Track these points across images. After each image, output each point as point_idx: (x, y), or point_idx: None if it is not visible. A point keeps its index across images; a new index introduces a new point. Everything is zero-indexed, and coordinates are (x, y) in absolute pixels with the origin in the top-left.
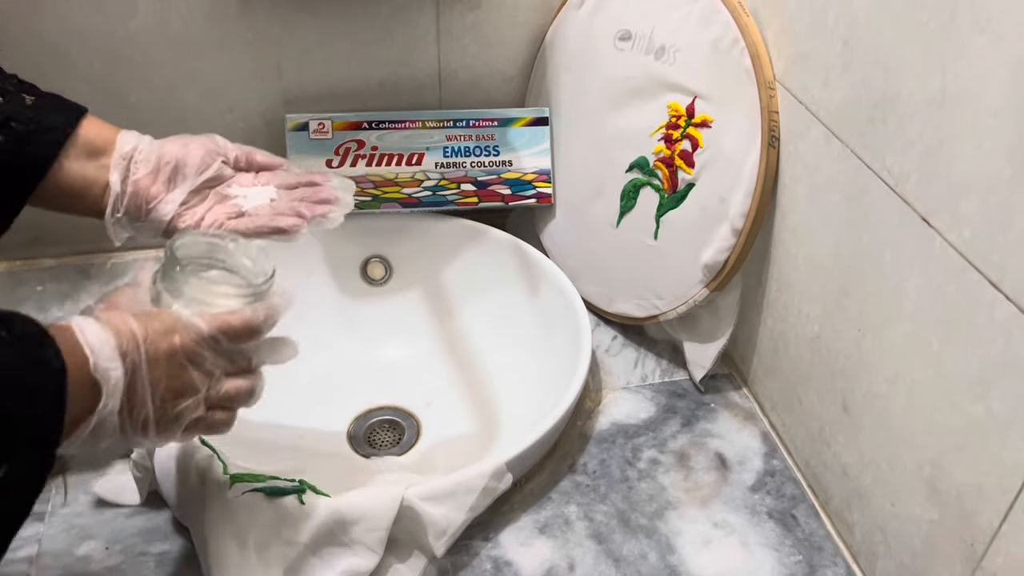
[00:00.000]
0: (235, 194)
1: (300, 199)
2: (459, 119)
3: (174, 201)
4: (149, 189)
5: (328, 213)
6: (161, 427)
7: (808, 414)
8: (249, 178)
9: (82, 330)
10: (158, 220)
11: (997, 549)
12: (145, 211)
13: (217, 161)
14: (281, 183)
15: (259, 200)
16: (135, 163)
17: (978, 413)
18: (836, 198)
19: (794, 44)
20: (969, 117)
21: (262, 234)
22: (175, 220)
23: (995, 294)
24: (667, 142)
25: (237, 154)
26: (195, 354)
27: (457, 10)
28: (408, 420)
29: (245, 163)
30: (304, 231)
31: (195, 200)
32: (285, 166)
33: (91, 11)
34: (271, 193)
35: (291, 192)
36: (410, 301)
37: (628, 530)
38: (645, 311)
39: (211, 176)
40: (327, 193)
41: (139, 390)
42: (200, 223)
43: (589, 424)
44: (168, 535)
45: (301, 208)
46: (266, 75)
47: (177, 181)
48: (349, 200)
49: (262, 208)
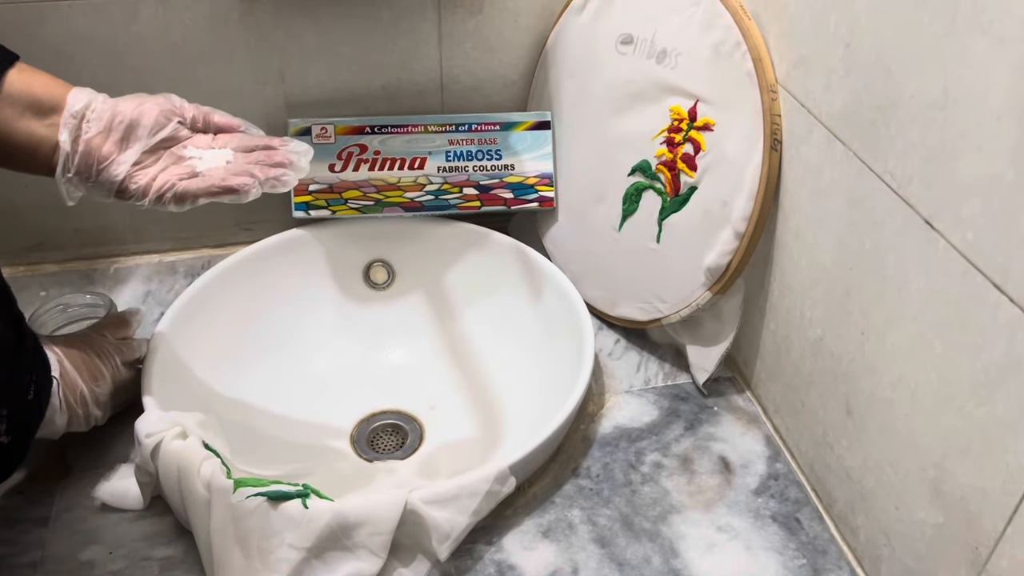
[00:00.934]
0: (190, 155)
1: (255, 162)
2: (461, 123)
3: (126, 162)
4: (101, 148)
5: (281, 176)
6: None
7: (811, 417)
8: (207, 139)
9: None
10: (109, 180)
11: (1002, 553)
12: (96, 171)
13: (173, 121)
14: (239, 146)
15: (215, 162)
16: (87, 122)
17: (982, 416)
18: (839, 201)
19: (796, 47)
20: (971, 119)
21: (213, 193)
22: (127, 180)
23: (999, 296)
24: (669, 146)
25: (194, 114)
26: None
27: (459, 15)
28: (411, 424)
29: (203, 123)
30: (255, 192)
31: (149, 160)
32: (243, 127)
33: (94, 16)
34: (227, 156)
35: (247, 155)
36: (413, 305)
37: (632, 534)
38: (648, 315)
39: (166, 136)
40: (281, 157)
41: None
42: (152, 183)
43: (592, 428)
44: (172, 540)
45: (255, 170)
46: (269, 80)
47: (130, 141)
48: (304, 165)
49: (216, 170)
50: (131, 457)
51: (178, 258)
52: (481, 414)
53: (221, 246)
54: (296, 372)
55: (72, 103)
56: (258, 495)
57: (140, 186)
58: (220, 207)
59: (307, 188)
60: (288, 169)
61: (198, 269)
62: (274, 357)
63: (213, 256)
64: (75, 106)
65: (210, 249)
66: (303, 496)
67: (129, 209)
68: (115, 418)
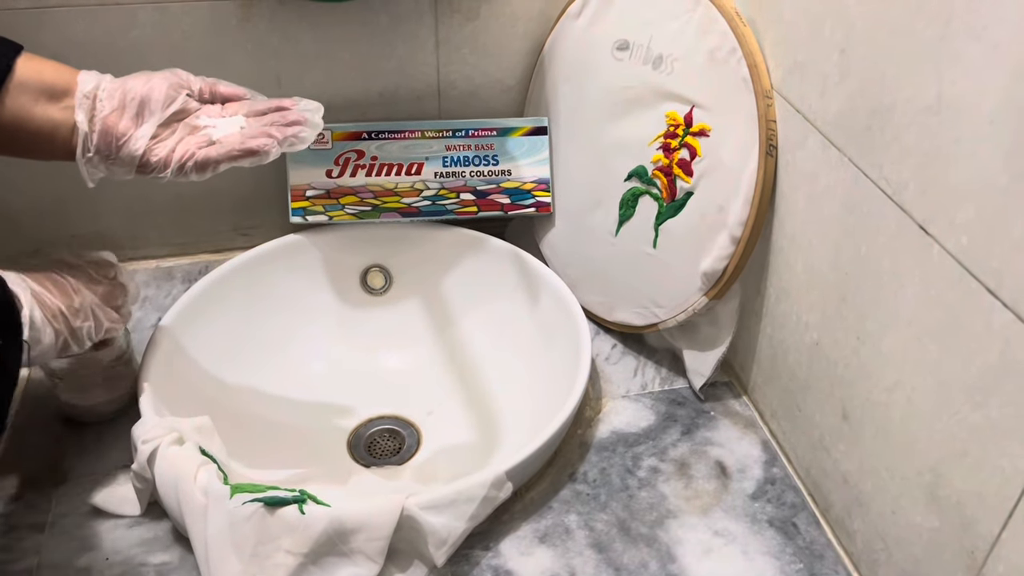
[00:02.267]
0: (205, 124)
1: (270, 123)
2: (458, 129)
3: (144, 136)
4: (117, 125)
5: (300, 133)
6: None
7: (808, 422)
8: (216, 109)
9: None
10: (129, 156)
11: (998, 557)
12: (116, 147)
13: (182, 94)
14: (250, 111)
15: (229, 129)
16: (100, 101)
17: (977, 420)
18: (834, 206)
19: (791, 53)
20: (965, 125)
21: (234, 157)
22: (147, 154)
23: (992, 301)
24: (665, 151)
25: (201, 86)
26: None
27: (456, 20)
28: (408, 429)
29: (209, 95)
30: (275, 151)
31: (165, 133)
32: (249, 95)
33: (91, 22)
34: (240, 122)
35: (261, 118)
36: (410, 310)
37: (629, 539)
38: (645, 319)
39: (178, 109)
40: (295, 116)
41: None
42: (172, 154)
43: (589, 433)
44: (168, 546)
45: (271, 130)
46: (266, 86)
47: (144, 116)
48: (318, 120)
49: (232, 136)
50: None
51: (175, 263)
52: (478, 419)
53: (218, 251)
54: (293, 377)
55: (83, 84)
56: (255, 500)
57: (161, 158)
58: (217, 210)
59: (304, 193)
60: (304, 126)
61: (195, 275)
62: (271, 362)
63: (210, 261)
64: (86, 87)
65: (207, 255)
66: (300, 502)
67: (126, 214)
68: (111, 423)
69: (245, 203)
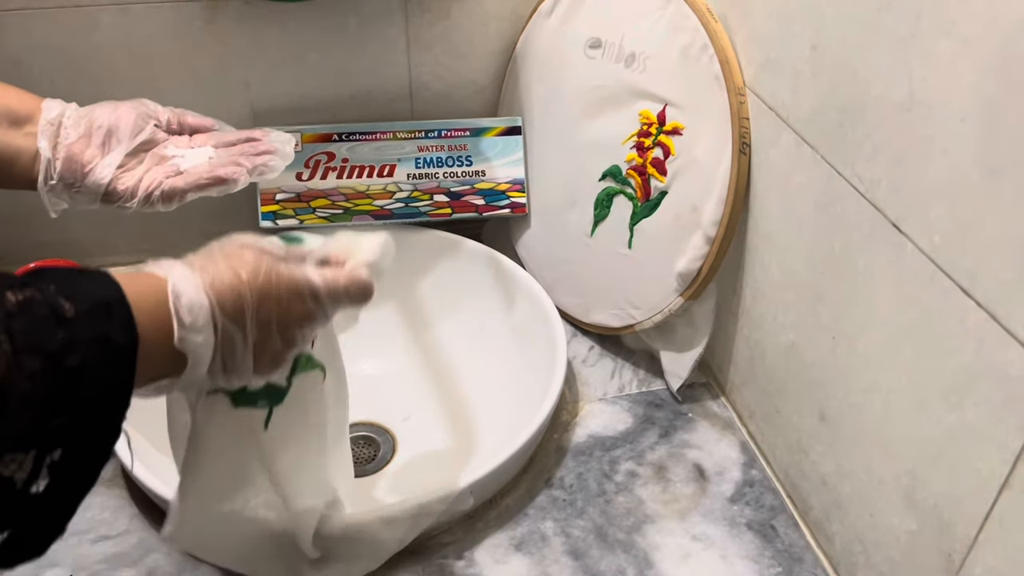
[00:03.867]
0: (172, 154)
1: (240, 153)
2: (431, 129)
3: (111, 164)
4: (83, 154)
5: (269, 162)
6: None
7: (786, 423)
8: (184, 140)
9: (177, 293)
10: (95, 184)
11: (975, 559)
12: (81, 175)
13: (150, 124)
14: (219, 142)
15: (197, 160)
16: (64, 128)
17: (953, 422)
18: (808, 205)
19: (763, 50)
20: (936, 122)
21: (202, 186)
22: (113, 183)
23: (965, 300)
24: (639, 150)
25: (169, 116)
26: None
27: (426, 20)
28: (383, 436)
29: (177, 125)
30: (244, 180)
31: (132, 163)
32: (217, 126)
33: (52, 25)
34: (209, 152)
35: (230, 149)
36: (385, 314)
37: (606, 545)
38: (621, 321)
39: (145, 139)
40: (265, 146)
41: (237, 347)
42: (139, 184)
43: (566, 437)
44: (134, 561)
45: (240, 159)
46: (234, 89)
47: (111, 144)
48: (289, 151)
49: (201, 166)
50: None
51: None
52: (454, 424)
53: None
54: None
55: (47, 111)
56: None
57: (128, 187)
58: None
59: (274, 197)
60: (274, 155)
61: None
62: None
63: None
64: (50, 114)
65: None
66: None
67: (93, 221)
68: None
69: (214, 208)
